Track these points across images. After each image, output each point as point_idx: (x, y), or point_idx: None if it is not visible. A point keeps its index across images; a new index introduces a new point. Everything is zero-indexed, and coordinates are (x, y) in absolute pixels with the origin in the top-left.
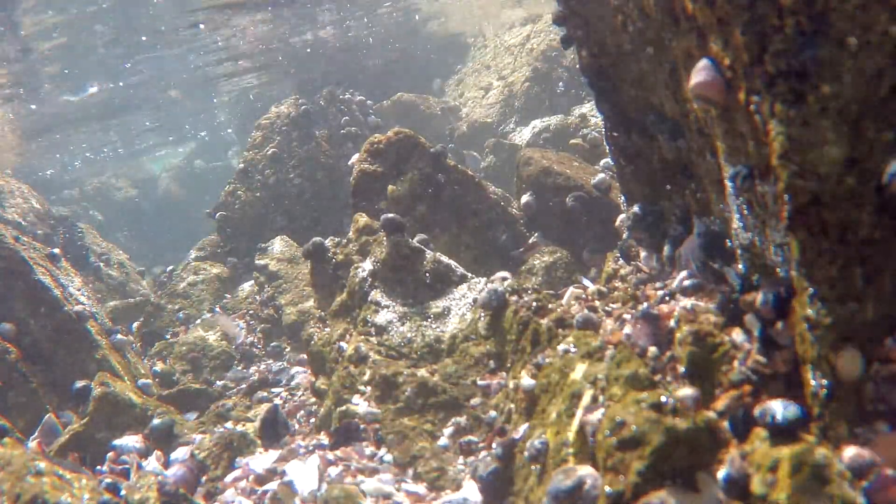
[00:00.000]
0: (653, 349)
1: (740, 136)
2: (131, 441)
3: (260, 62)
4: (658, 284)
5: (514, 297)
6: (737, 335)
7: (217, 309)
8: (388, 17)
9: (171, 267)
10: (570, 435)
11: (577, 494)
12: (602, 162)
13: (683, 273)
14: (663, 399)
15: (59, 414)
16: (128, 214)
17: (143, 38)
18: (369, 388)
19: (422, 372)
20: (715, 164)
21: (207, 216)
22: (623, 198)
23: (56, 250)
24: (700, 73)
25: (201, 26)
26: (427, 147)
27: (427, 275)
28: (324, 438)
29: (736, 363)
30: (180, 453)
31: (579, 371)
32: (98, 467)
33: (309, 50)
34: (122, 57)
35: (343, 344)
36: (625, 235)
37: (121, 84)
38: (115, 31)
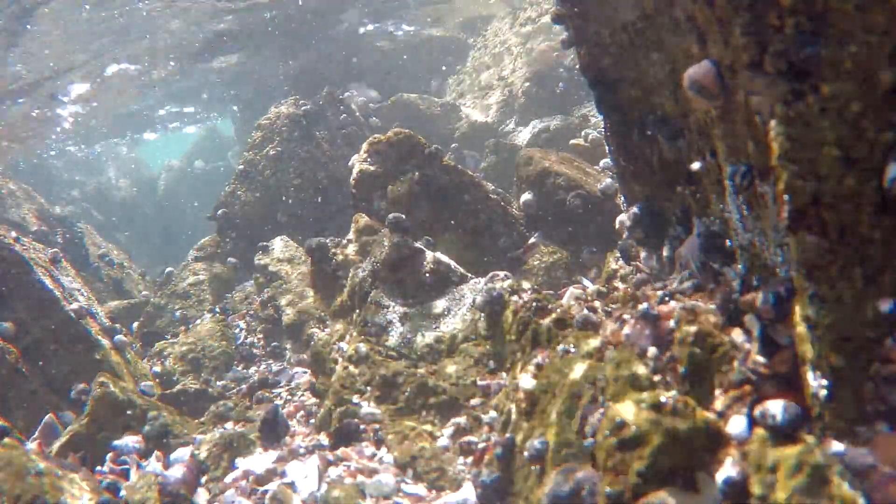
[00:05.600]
0: (653, 349)
1: (740, 136)
2: (131, 441)
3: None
4: (658, 284)
5: (514, 298)
6: (737, 335)
7: (217, 309)
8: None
9: (169, 269)
10: (570, 435)
11: (576, 500)
12: (602, 162)
13: (683, 273)
14: (663, 399)
15: (58, 414)
16: (128, 214)
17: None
18: (369, 388)
19: (422, 372)
20: (715, 164)
21: (209, 219)
22: (623, 198)
23: (56, 250)
24: (695, 66)
25: None
26: (426, 147)
27: (427, 275)
28: (324, 438)
29: (736, 363)
30: (180, 453)
31: (579, 371)
32: (98, 467)
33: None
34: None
35: (343, 344)
36: (625, 235)
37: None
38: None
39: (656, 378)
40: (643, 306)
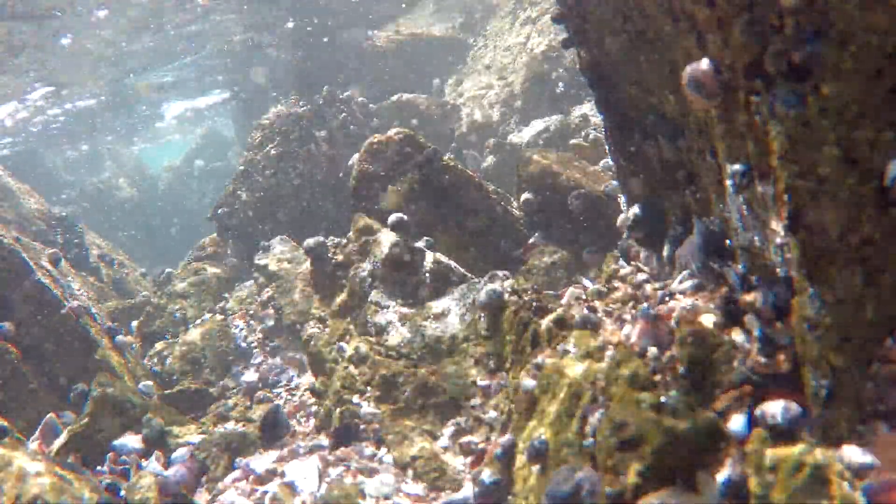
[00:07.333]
0: (653, 349)
1: (740, 136)
2: (131, 441)
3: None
4: (658, 284)
5: (514, 298)
6: (737, 335)
7: (217, 308)
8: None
9: (168, 269)
10: (570, 435)
11: (576, 500)
12: (602, 162)
13: (683, 273)
14: (663, 399)
15: (59, 414)
16: (128, 214)
17: None
18: (369, 388)
19: (422, 372)
20: (715, 164)
21: (209, 220)
22: (623, 198)
23: (56, 251)
24: (694, 64)
25: None
26: (426, 147)
27: (427, 275)
28: (324, 439)
29: (736, 363)
30: (180, 454)
31: (579, 371)
32: (98, 467)
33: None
34: None
35: (343, 344)
36: (625, 235)
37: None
38: None
39: (656, 378)
40: (643, 306)
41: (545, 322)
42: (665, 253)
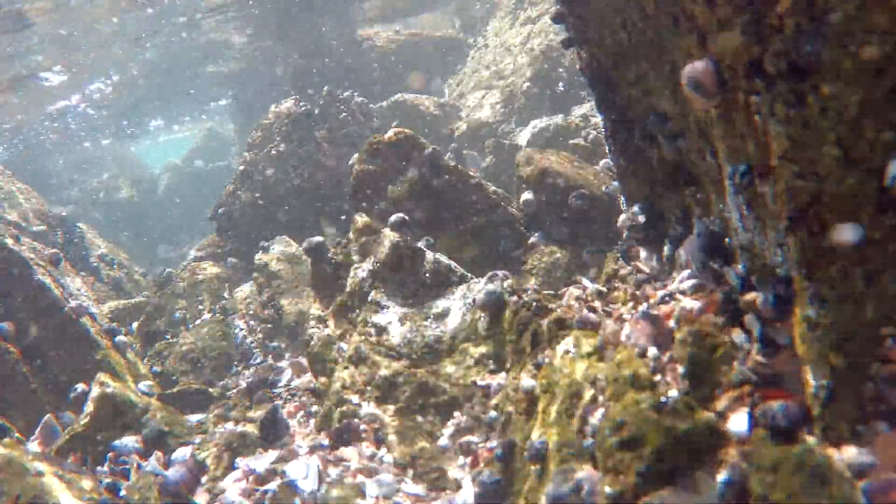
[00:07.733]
0: (653, 349)
1: (740, 136)
2: (131, 441)
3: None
4: (658, 284)
5: (514, 298)
6: (737, 335)
7: (217, 308)
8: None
9: (168, 269)
10: (570, 435)
11: (576, 499)
12: (602, 162)
13: (683, 273)
14: (663, 399)
15: (58, 414)
16: (128, 214)
17: None
18: (369, 388)
19: (422, 372)
20: (715, 164)
21: (209, 220)
22: (623, 198)
23: (56, 251)
24: (693, 63)
25: None
26: (426, 147)
27: (427, 275)
28: (324, 438)
29: (736, 363)
30: (180, 454)
31: (579, 371)
32: (98, 467)
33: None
34: None
35: (343, 344)
36: (625, 235)
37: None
38: None
39: (656, 378)
40: (643, 306)
41: (545, 322)
42: (665, 253)
